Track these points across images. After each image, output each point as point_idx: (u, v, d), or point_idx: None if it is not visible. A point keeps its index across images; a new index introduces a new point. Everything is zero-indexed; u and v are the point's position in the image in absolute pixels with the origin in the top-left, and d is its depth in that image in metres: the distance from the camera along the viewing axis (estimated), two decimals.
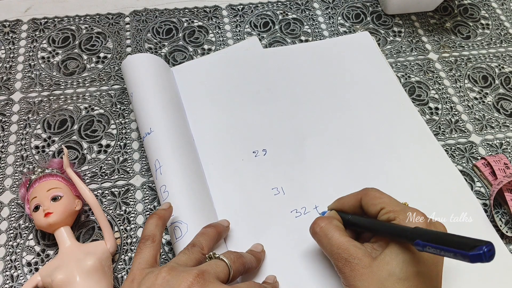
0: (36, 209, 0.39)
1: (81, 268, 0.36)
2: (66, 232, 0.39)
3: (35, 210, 0.39)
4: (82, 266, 0.36)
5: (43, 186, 0.40)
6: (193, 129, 0.48)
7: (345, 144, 0.48)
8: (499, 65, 0.57)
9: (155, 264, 0.34)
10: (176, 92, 0.50)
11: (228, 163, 0.46)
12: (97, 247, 0.39)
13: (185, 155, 0.43)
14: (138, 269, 0.33)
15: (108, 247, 0.39)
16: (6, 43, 0.56)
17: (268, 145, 0.47)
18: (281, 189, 0.44)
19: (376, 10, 0.62)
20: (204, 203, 0.41)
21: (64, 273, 0.36)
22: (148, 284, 0.30)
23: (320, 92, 0.52)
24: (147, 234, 0.35)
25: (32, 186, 0.41)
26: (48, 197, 0.39)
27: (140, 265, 0.33)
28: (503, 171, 0.45)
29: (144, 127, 0.44)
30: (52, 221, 0.38)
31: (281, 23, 0.60)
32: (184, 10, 0.60)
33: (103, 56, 0.55)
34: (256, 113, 0.50)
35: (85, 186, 0.41)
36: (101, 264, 0.37)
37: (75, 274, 0.36)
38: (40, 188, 0.40)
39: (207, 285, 0.30)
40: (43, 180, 0.40)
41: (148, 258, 0.33)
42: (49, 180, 0.40)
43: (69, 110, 0.50)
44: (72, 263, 0.37)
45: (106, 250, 0.39)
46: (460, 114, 0.53)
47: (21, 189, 0.42)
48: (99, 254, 0.38)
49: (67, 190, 0.40)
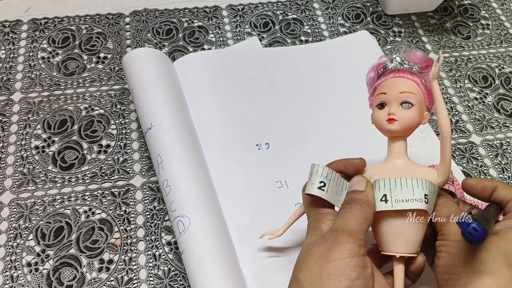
0: (381, 106, 0.34)
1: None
2: (402, 147, 0.34)
3: (380, 107, 0.34)
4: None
5: (398, 84, 0.34)
6: (195, 122, 0.48)
7: (347, 141, 0.48)
8: (499, 65, 0.57)
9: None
10: (177, 86, 0.50)
11: (231, 155, 0.46)
12: (428, 174, 0.33)
13: (187, 149, 0.43)
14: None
15: (438, 180, 0.33)
16: (6, 43, 0.56)
17: (271, 138, 0.48)
18: (285, 182, 0.45)
19: (376, 10, 0.62)
20: (207, 197, 0.41)
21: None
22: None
23: (320, 89, 0.52)
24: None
25: (385, 76, 0.35)
26: (398, 100, 0.33)
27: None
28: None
29: (145, 122, 0.45)
30: (394, 129, 0.33)
31: (281, 23, 0.60)
32: (184, 10, 0.60)
33: (103, 56, 0.55)
34: (258, 107, 0.50)
35: (445, 109, 0.33)
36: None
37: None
38: (393, 85, 0.34)
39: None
40: (399, 76, 0.34)
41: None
42: (406, 80, 0.34)
43: (69, 110, 0.50)
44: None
45: (435, 181, 0.33)
46: (460, 114, 0.53)
47: (371, 72, 0.37)
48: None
49: (421, 99, 0.34)
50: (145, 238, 0.42)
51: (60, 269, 0.40)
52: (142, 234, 0.43)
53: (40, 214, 0.43)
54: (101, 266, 0.41)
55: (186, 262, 0.38)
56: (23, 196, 0.44)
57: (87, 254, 0.41)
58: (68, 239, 0.42)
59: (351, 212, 0.31)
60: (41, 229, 0.42)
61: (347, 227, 0.30)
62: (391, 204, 0.31)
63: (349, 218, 0.30)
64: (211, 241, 0.38)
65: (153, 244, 0.42)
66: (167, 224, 0.43)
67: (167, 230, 0.43)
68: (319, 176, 0.32)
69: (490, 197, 0.34)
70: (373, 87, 0.36)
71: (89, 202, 0.44)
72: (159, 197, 0.45)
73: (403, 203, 0.31)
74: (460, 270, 0.29)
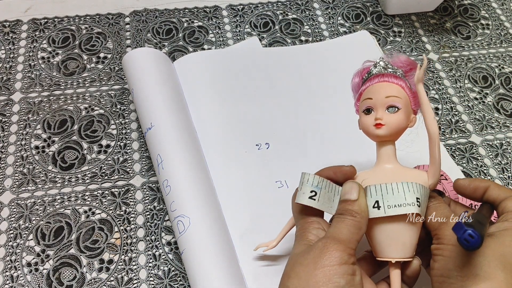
0: (367, 111, 0.34)
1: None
2: (391, 151, 0.34)
3: (366, 112, 0.34)
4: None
5: (383, 88, 0.34)
6: (195, 122, 0.48)
7: (347, 140, 0.48)
8: (499, 65, 0.57)
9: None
10: (177, 85, 0.50)
11: (231, 155, 0.46)
12: (419, 177, 0.33)
13: (187, 149, 0.44)
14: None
15: (429, 183, 0.33)
16: (6, 43, 0.56)
17: (271, 139, 0.48)
18: (285, 182, 0.45)
19: (376, 10, 0.62)
20: (207, 197, 0.41)
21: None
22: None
23: (320, 89, 0.52)
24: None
25: (370, 81, 0.35)
26: (384, 105, 0.33)
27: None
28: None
29: (145, 122, 0.45)
30: (382, 134, 0.33)
31: (281, 23, 0.60)
32: (184, 10, 0.60)
33: (103, 56, 0.55)
34: (258, 107, 0.50)
35: (432, 111, 0.33)
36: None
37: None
38: (378, 90, 0.34)
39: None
40: (384, 80, 0.34)
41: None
42: (391, 84, 0.34)
43: (69, 110, 0.50)
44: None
45: (425, 183, 0.33)
46: (460, 114, 0.53)
47: (356, 78, 0.37)
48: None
49: (406, 102, 0.34)
50: (145, 238, 0.42)
51: (60, 269, 0.40)
52: (142, 234, 0.43)
53: (40, 214, 0.43)
54: (101, 266, 0.41)
55: (186, 262, 0.38)
56: (23, 196, 0.44)
57: (87, 254, 0.41)
58: (68, 239, 0.42)
59: (344, 222, 0.31)
60: (41, 229, 0.42)
61: (339, 235, 0.30)
62: (383, 210, 0.31)
63: (342, 228, 0.30)
64: (211, 241, 0.38)
65: (153, 244, 0.42)
66: (167, 224, 0.43)
67: (167, 230, 0.43)
68: (309, 186, 0.32)
69: (482, 197, 0.34)
70: (358, 92, 0.36)
71: (89, 202, 0.44)
72: (159, 197, 0.45)
73: (396, 209, 0.31)
74: (455, 274, 0.29)
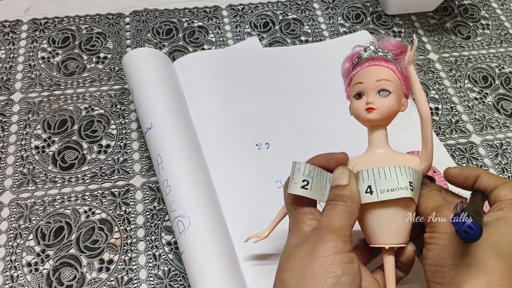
0: (358, 96, 0.34)
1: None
2: (383, 136, 0.34)
3: (357, 97, 0.34)
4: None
5: (373, 72, 0.33)
6: (195, 122, 0.48)
7: (347, 140, 0.48)
8: (499, 65, 0.57)
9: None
10: (177, 86, 0.50)
11: (231, 154, 0.46)
12: (411, 161, 0.33)
13: (187, 149, 0.44)
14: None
15: (422, 167, 0.33)
16: (6, 43, 0.56)
17: (271, 139, 0.48)
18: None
19: (376, 10, 0.62)
20: (207, 197, 0.41)
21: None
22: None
23: (320, 89, 0.52)
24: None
25: (360, 65, 0.34)
26: (375, 89, 0.33)
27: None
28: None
29: (145, 122, 0.45)
30: (373, 118, 0.33)
31: (281, 23, 0.60)
32: (184, 10, 0.60)
33: (103, 56, 0.55)
34: (258, 107, 0.50)
35: (423, 93, 0.33)
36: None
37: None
38: (369, 74, 0.33)
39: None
40: (374, 64, 0.34)
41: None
42: (381, 67, 0.34)
43: (69, 110, 0.50)
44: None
45: (418, 168, 0.33)
46: (460, 114, 0.53)
47: (346, 63, 0.36)
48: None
49: (398, 86, 0.33)
50: (145, 238, 0.42)
51: (60, 269, 0.40)
52: (142, 234, 0.43)
53: (40, 214, 0.43)
54: (101, 266, 0.41)
55: (186, 262, 0.38)
56: (23, 196, 0.44)
57: (87, 254, 0.41)
58: (68, 239, 0.42)
59: (335, 209, 0.30)
60: (41, 229, 0.42)
61: (331, 224, 0.29)
62: (376, 195, 0.31)
63: (333, 215, 0.30)
64: (211, 241, 0.38)
65: (153, 244, 0.42)
66: (167, 224, 0.43)
67: (167, 230, 0.43)
68: (301, 175, 0.32)
69: (473, 185, 0.33)
70: (349, 77, 0.36)
71: (89, 202, 0.44)
72: (159, 197, 0.45)
73: (389, 193, 0.31)
74: (449, 263, 0.29)
